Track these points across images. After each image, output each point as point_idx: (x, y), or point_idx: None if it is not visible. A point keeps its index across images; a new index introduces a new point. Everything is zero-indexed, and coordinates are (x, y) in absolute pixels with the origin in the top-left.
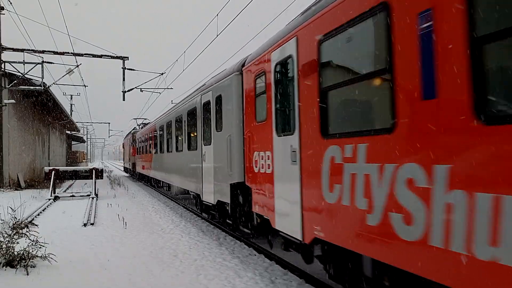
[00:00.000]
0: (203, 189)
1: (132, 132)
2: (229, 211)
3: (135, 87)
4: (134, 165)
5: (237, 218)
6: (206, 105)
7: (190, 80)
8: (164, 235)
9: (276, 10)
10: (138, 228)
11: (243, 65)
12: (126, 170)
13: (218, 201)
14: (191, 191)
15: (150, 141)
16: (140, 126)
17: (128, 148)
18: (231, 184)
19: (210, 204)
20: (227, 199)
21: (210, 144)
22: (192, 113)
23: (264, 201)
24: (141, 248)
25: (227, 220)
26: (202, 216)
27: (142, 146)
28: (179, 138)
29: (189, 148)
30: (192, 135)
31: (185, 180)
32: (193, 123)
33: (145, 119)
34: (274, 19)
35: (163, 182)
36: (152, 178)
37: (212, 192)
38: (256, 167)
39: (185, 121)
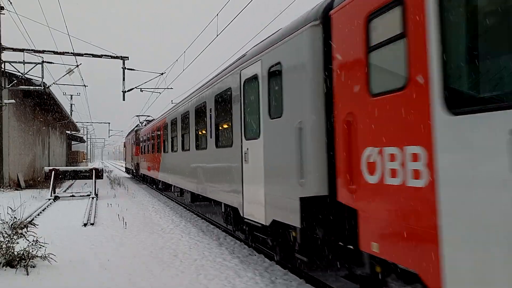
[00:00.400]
0: (245, 201)
1: (135, 129)
2: (298, 240)
3: (135, 87)
4: (137, 165)
5: (318, 254)
6: (251, 82)
7: (190, 80)
8: (164, 235)
9: (276, 10)
10: (138, 228)
11: (329, 8)
12: (128, 171)
13: (275, 221)
14: (222, 202)
15: (158, 139)
16: (144, 124)
17: (130, 147)
18: (302, 199)
19: (258, 224)
20: (294, 220)
21: (257, 138)
22: (222, 98)
23: (402, 240)
24: (141, 248)
25: (296, 254)
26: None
27: (148, 145)
28: (201, 132)
29: (217, 145)
30: (222, 127)
31: (212, 187)
32: (225, 110)
33: (148, 116)
34: (274, 19)
35: (174, 186)
36: (160, 182)
37: (263, 207)
38: (370, 174)
39: (210, 109)
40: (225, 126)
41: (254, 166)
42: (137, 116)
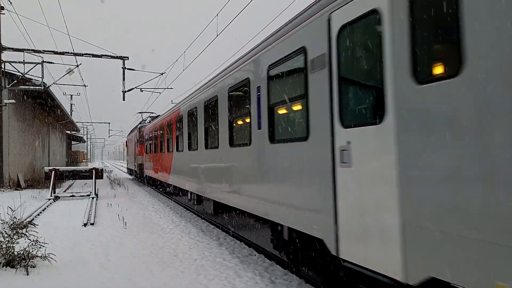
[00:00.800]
0: (342, 230)
1: (138, 126)
2: None
3: (135, 87)
4: (141, 166)
5: None
6: (357, 27)
7: (190, 80)
8: (164, 235)
9: (276, 10)
10: (138, 228)
11: None
12: (130, 172)
13: (433, 280)
14: (284, 225)
15: (169, 135)
16: (147, 121)
17: (133, 146)
18: None
19: (382, 279)
20: None
21: (377, 122)
22: (285, 67)
23: None
24: (141, 248)
25: None
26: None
27: (155, 143)
28: (237, 124)
29: (272, 139)
30: (281, 112)
31: (259, 199)
32: (291, 85)
33: (152, 112)
34: (274, 19)
35: (191, 193)
36: (171, 186)
37: (396, 248)
38: None
39: (258, 87)
40: (288, 110)
41: (368, 172)
42: (139, 112)
